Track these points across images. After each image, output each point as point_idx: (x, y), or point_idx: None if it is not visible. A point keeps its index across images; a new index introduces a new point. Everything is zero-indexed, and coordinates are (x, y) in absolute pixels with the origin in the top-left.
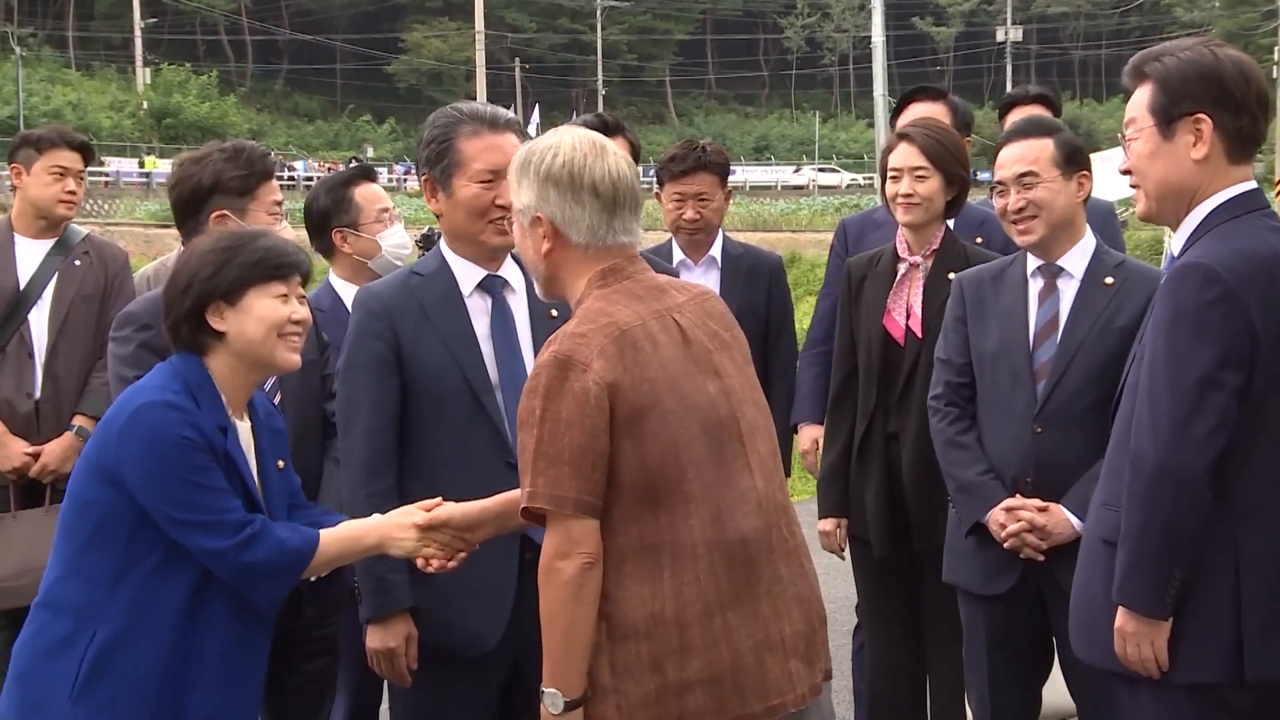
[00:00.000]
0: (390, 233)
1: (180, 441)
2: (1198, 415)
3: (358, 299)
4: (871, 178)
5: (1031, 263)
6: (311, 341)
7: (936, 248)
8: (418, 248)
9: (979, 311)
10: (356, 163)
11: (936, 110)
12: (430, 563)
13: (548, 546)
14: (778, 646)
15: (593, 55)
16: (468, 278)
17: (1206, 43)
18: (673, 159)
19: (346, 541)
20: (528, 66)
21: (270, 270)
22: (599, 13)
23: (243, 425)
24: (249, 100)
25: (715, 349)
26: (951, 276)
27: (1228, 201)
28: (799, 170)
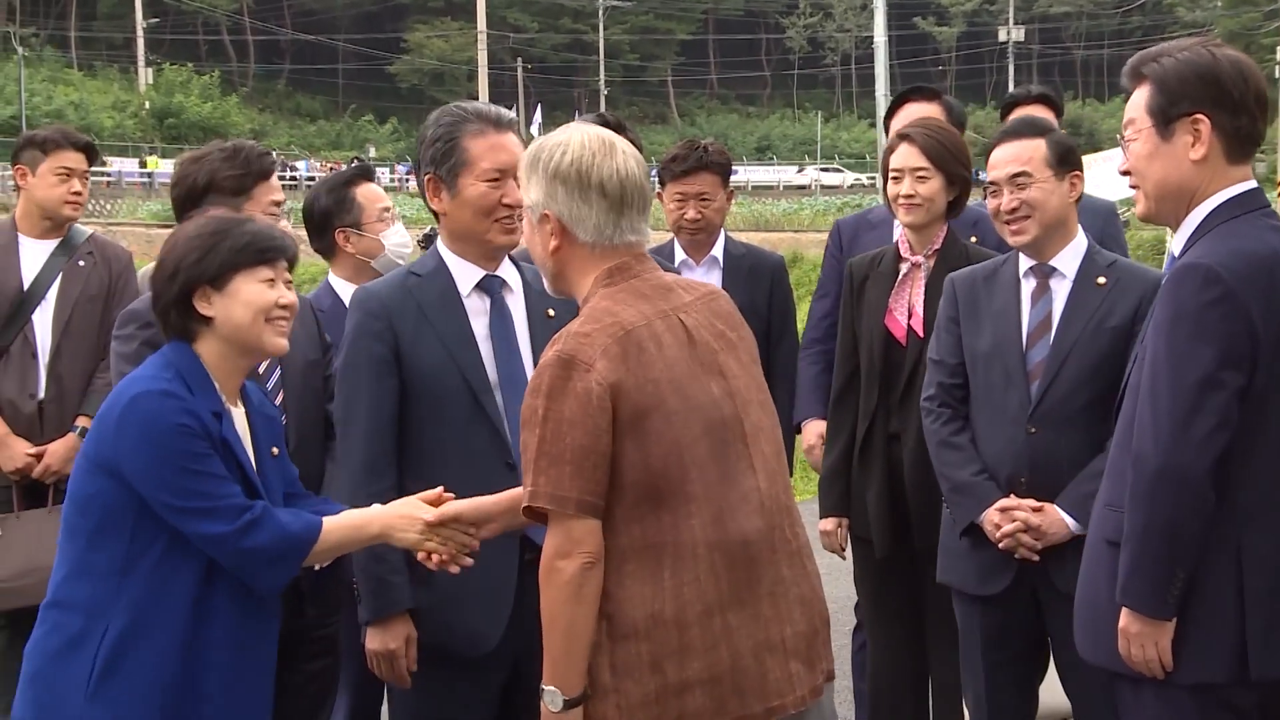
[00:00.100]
0: (392, 232)
1: (177, 429)
2: (1198, 415)
3: (355, 299)
4: (874, 177)
5: (1024, 263)
6: (314, 341)
7: (938, 247)
8: (420, 247)
9: (972, 312)
10: (359, 162)
11: (931, 110)
12: (431, 558)
13: (549, 546)
14: (778, 647)
15: (595, 55)
16: (466, 278)
17: (1204, 43)
18: (674, 159)
19: (349, 529)
20: (530, 66)
21: (256, 255)
22: (601, 12)
23: (237, 411)
24: (251, 100)
25: (721, 349)
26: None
27: (1227, 201)
28: (803, 170)
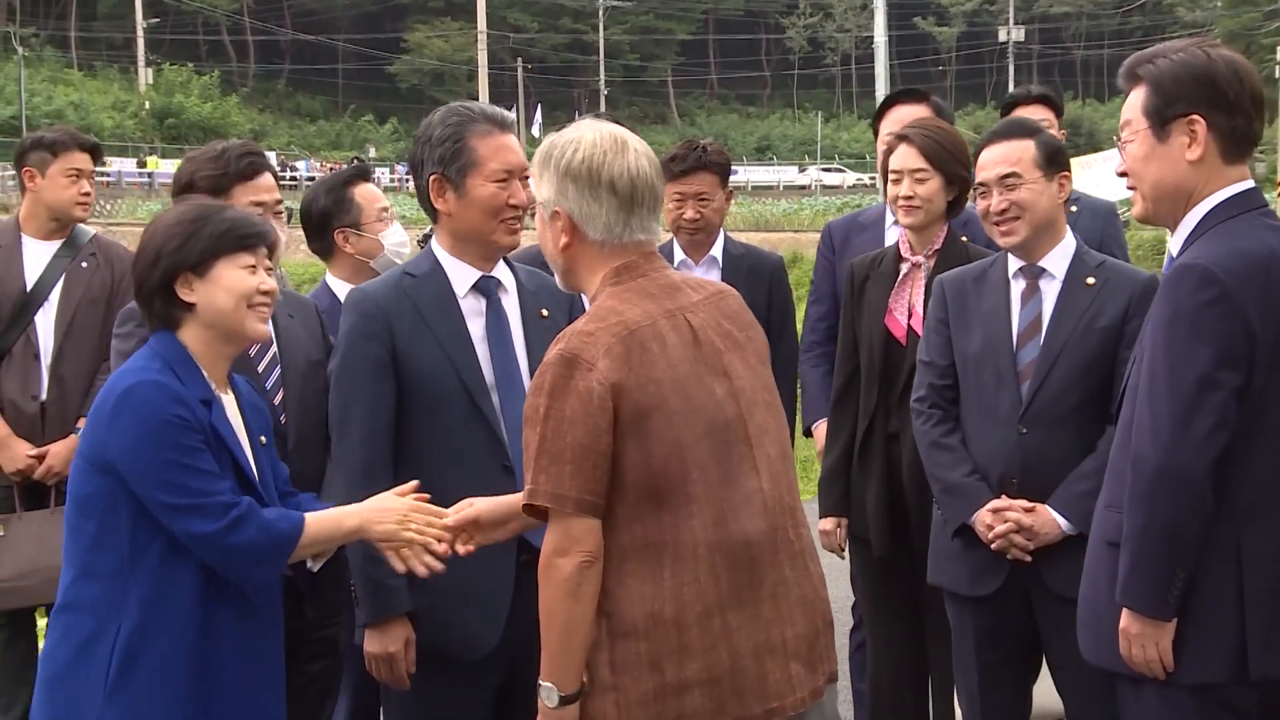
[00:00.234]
0: (390, 232)
1: (171, 423)
2: (1197, 415)
3: (350, 300)
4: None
5: (1013, 264)
6: (318, 342)
7: (939, 248)
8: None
9: (961, 313)
10: (358, 162)
11: (919, 112)
12: (408, 563)
13: (548, 543)
14: (779, 649)
15: (595, 55)
16: (462, 279)
17: (1200, 43)
18: (673, 159)
19: (328, 524)
20: (530, 66)
21: (237, 241)
22: (601, 13)
23: (227, 399)
24: (251, 100)
25: (727, 349)
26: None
27: (1224, 201)
28: (804, 170)
